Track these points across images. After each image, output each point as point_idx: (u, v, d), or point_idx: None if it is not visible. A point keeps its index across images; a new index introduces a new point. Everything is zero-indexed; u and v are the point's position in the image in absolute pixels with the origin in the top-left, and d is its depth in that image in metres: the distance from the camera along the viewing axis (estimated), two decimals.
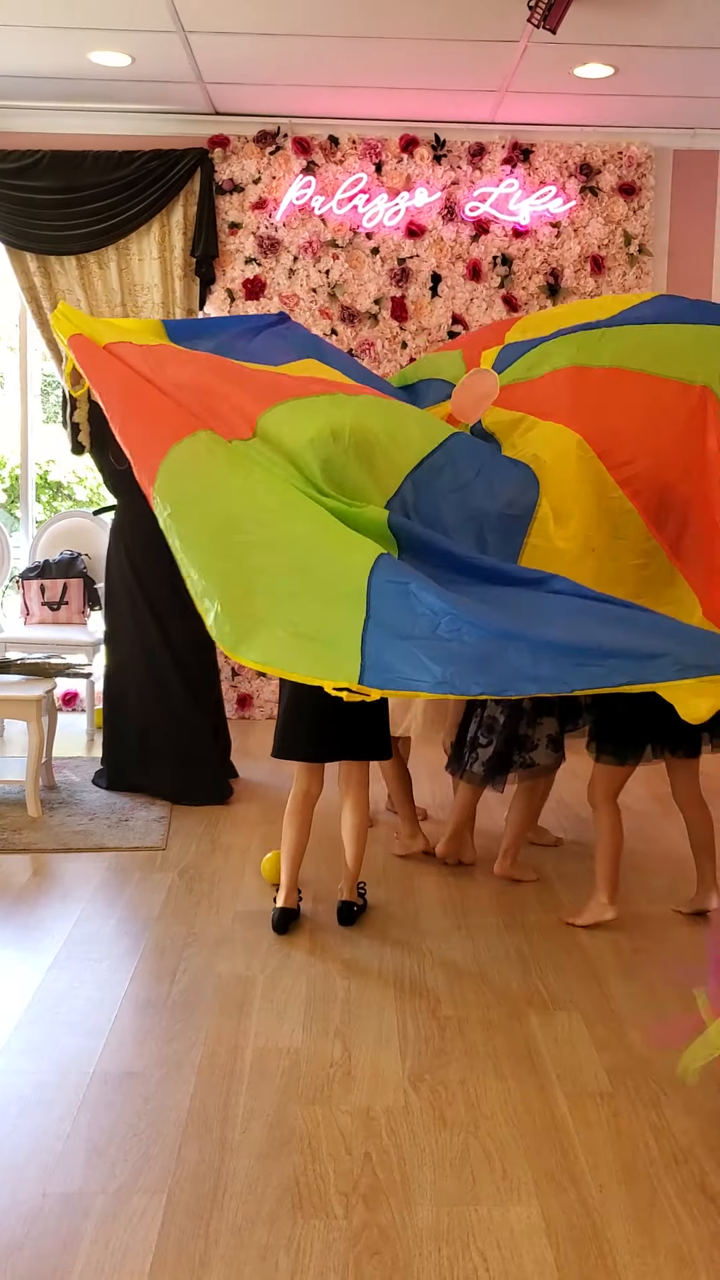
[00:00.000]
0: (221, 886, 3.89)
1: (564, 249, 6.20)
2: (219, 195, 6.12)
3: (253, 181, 6.12)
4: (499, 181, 6.14)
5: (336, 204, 6.11)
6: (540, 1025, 2.96)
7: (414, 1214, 2.23)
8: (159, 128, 6.09)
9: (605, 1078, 2.71)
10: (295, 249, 6.16)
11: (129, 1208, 2.24)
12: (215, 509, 3.13)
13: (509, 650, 2.74)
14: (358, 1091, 2.65)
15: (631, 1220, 2.22)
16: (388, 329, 6.22)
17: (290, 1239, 2.16)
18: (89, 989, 3.16)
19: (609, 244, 6.20)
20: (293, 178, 6.11)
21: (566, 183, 6.16)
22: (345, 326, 6.21)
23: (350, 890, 3.60)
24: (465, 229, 6.18)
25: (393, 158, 6.12)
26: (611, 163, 6.15)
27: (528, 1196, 2.28)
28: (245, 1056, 2.79)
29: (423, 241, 6.18)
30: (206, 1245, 2.14)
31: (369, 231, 6.16)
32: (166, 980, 3.19)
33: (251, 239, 6.15)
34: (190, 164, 6.05)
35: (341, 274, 6.18)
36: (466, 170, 6.14)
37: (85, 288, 6.12)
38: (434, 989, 3.16)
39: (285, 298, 6.18)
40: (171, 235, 6.11)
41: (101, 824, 4.48)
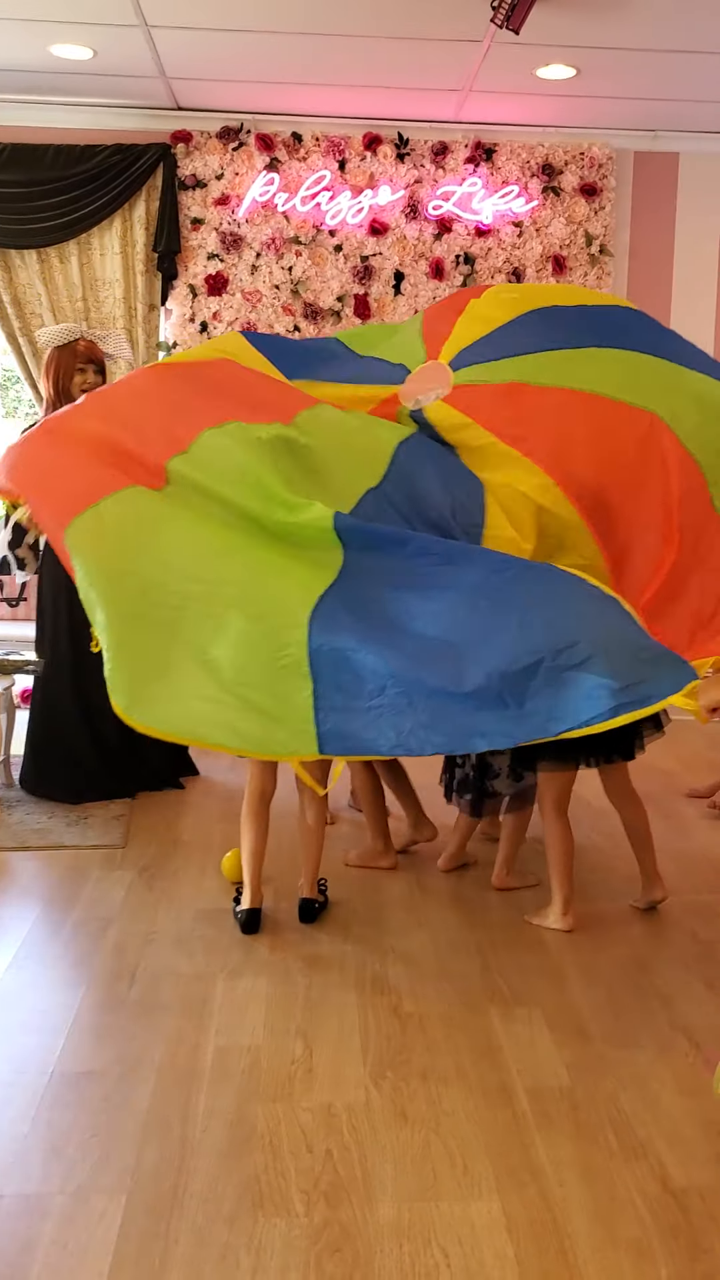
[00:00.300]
0: (182, 885, 3.87)
1: (526, 248, 6.23)
2: (181, 191, 6.10)
3: (215, 177, 6.10)
4: (462, 180, 6.15)
5: (300, 201, 6.11)
6: (501, 1022, 2.97)
7: (375, 1211, 2.22)
8: (121, 122, 6.05)
9: (565, 1073, 2.72)
10: (258, 245, 6.14)
11: (88, 1208, 2.22)
12: (133, 579, 2.89)
13: (450, 707, 2.68)
14: (319, 1089, 2.64)
15: (592, 1215, 2.22)
16: (350, 326, 6.21)
17: (251, 1237, 2.15)
18: (47, 988, 3.13)
19: (570, 244, 6.24)
20: (256, 174, 6.09)
21: (529, 183, 6.18)
22: (308, 324, 6.20)
23: (310, 887, 3.59)
24: (428, 227, 6.19)
25: (356, 155, 6.12)
26: (573, 163, 6.19)
27: (488, 1192, 2.29)
28: (206, 1055, 2.78)
29: (386, 240, 6.18)
30: (166, 1245, 2.12)
31: (332, 229, 6.16)
32: (126, 979, 3.17)
33: (214, 235, 6.13)
34: (153, 159, 6.02)
35: (304, 271, 6.17)
36: (429, 169, 6.15)
37: (46, 282, 6.07)
38: (395, 986, 3.16)
39: (248, 294, 6.17)
40: (133, 230, 6.08)
41: (60, 822, 4.44)
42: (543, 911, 3.57)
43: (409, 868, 4.04)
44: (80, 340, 4.49)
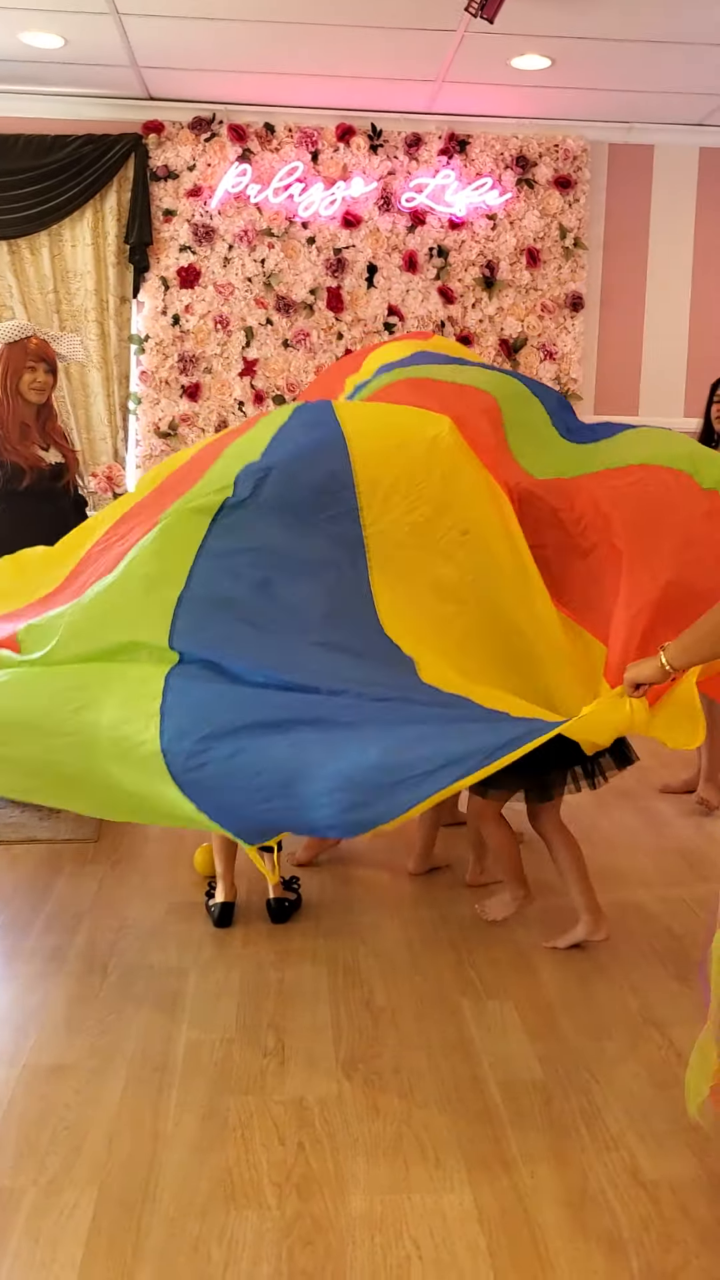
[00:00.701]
0: (154, 879, 3.85)
1: (500, 241, 6.23)
2: (153, 182, 6.06)
3: (187, 168, 6.07)
4: (435, 172, 6.15)
5: (272, 193, 6.09)
6: (473, 1014, 2.97)
7: (347, 1203, 2.23)
8: (92, 112, 6.01)
9: (537, 1066, 2.73)
10: (230, 237, 6.12)
11: (60, 1201, 2.21)
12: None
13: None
14: (291, 1082, 2.64)
15: (564, 1206, 2.23)
16: (323, 319, 6.20)
17: (223, 1230, 2.15)
18: (19, 983, 3.12)
19: (545, 237, 6.24)
20: (228, 165, 6.07)
21: (503, 175, 6.18)
22: (280, 316, 6.18)
23: (277, 886, 3.54)
24: (401, 220, 6.18)
25: (329, 147, 6.11)
26: (548, 155, 6.19)
27: (460, 1184, 2.29)
28: (178, 1048, 2.77)
29: (359, 232, 6.17)
30: (138, 1237, 2.12)
31: (305, 221, 6.14)
32: (98, 973, 3.16)
33: (186, 226, 6.10)
34: (124, 149, 5.99)
35: (277, 263, 6.15)
36: (403, 160, 6.14)
37: (17, 274, 6.03)
38: (367, 979, 3.16)
39: (220, 286, 6.14)
40: (105, 221, 6.05)
41: (33, 816, 4.42)
42: (566, 933, 3.35)
43: (381, 864, 4.04)
44: (32, 338, 4.39)
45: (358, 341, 6.22)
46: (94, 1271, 2.04)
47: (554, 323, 6.29)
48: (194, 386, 6.19)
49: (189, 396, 6.19)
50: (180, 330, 6.16)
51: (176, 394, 6.19)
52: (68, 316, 6.08)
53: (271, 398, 6.20)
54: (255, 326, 6.16)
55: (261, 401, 6.21)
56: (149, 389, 6.18)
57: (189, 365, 6.18)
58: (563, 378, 6.32)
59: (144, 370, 6.19)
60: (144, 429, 6.22)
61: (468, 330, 6.26)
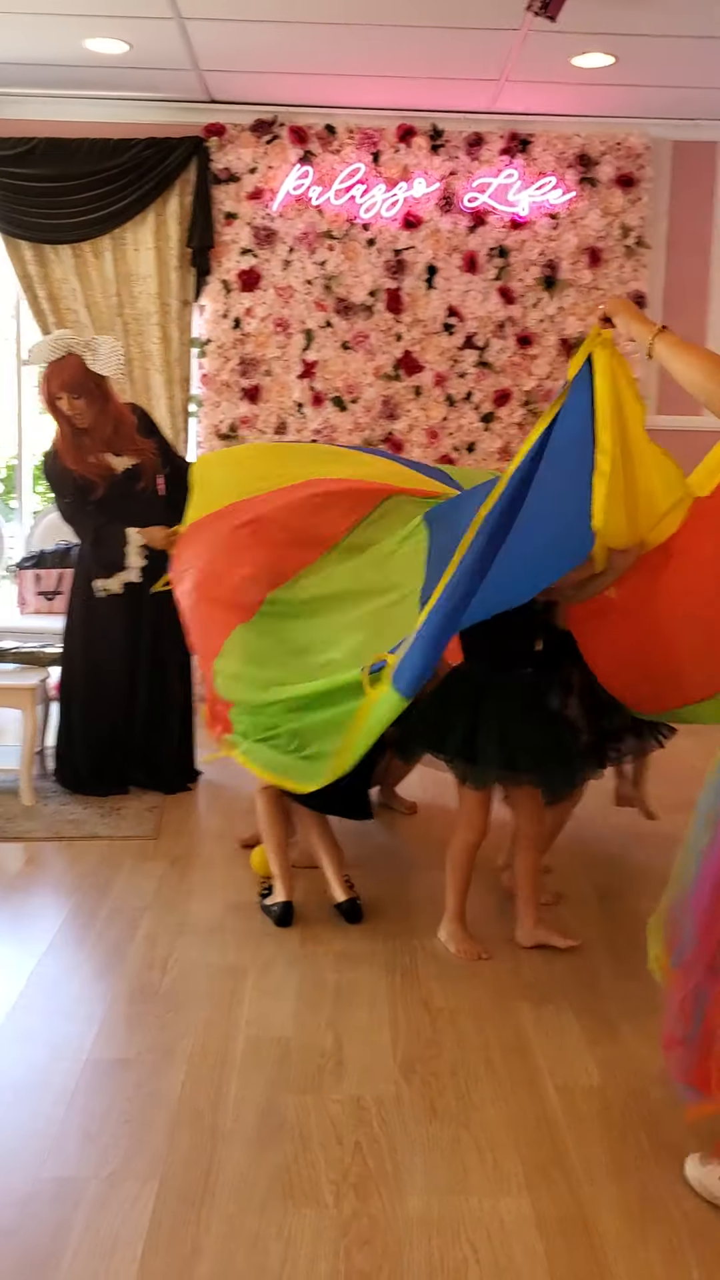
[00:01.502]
0: (213, 877, 3.89)
1: (561, 241, 6.19)
2: (215, 185, 6.10)
3: (249, 171, 6.10)
4: (497, 172, 6.13)
5: (333, 194, 6.10)
6: (531, 1018, 2.96)
7: (404, 1204, 2.23)
8: (154, 116, 6.06)
9: (596, 1071, 2.72)
10: (291, 240, 6.14)
11: (121, 1193, 2.24)
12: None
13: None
14: (349, 1081, 2.65)
15: (622, 1213, 2.22)
16: (382, 321, 6.21)
17: (281, 1227, 2.16)
18: (82, 977, 3.16)
19: (606, 236, 6.20)
20: (289, 167, 6.09)
21: (565, 174, 6.15)
22: (340, 319, 6.20)
23: (343, 889, 3.54)
24: (462, 220, 6.17)
25: (390, 148, 6.11)
26: (610, 154, 6.14)
27: (518, 1188, 2.29)
28: (237, 1045, 2.80)
29: (419, 233, 6.16)
30: (198, 1232, 2.14)
31: (365, 223, 6.15)
32: (158, 969, 3.19)
33: (247, 230, 6.13)
34: (186, 153, 6.03)
35: (337, 266, 6.16)
36: (464, 160, 6.13)
37: (81, 277, 6.10)
38: (425, 981, 3.16)
39: (280, 289, 6.17)
40: (167, 225, 6.09)
41: (94, 813, 4.48)
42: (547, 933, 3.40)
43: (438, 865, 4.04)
44: (67, 356, 4.33)
45: (417, 343, 6.21)
46: (154, 1265, 2.06)
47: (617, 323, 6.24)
48: (254, 389, 6.22)
49: (249, 399, 6.22)
50: (241, 333, 6.20)
51: (236, 396, 6.23)
52: (130, 320, 6.14)
53: (330, 399, 6.22)
54: (315, 329, 6.18)
55: (320, 404, 6.22)
56: (210, 391, 6.22)
57: (249, 368, 6.21)
58: None
59: (205, 373, 6.23)
60: (204, 431, 6.26)
61: (528, 330, 6.23)
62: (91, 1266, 2.05)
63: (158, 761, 4.75)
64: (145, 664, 4.69)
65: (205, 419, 6.25)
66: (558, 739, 3.35)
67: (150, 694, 4.71)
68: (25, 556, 6.25)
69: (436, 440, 6.27)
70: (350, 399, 6.22)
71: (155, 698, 4.73)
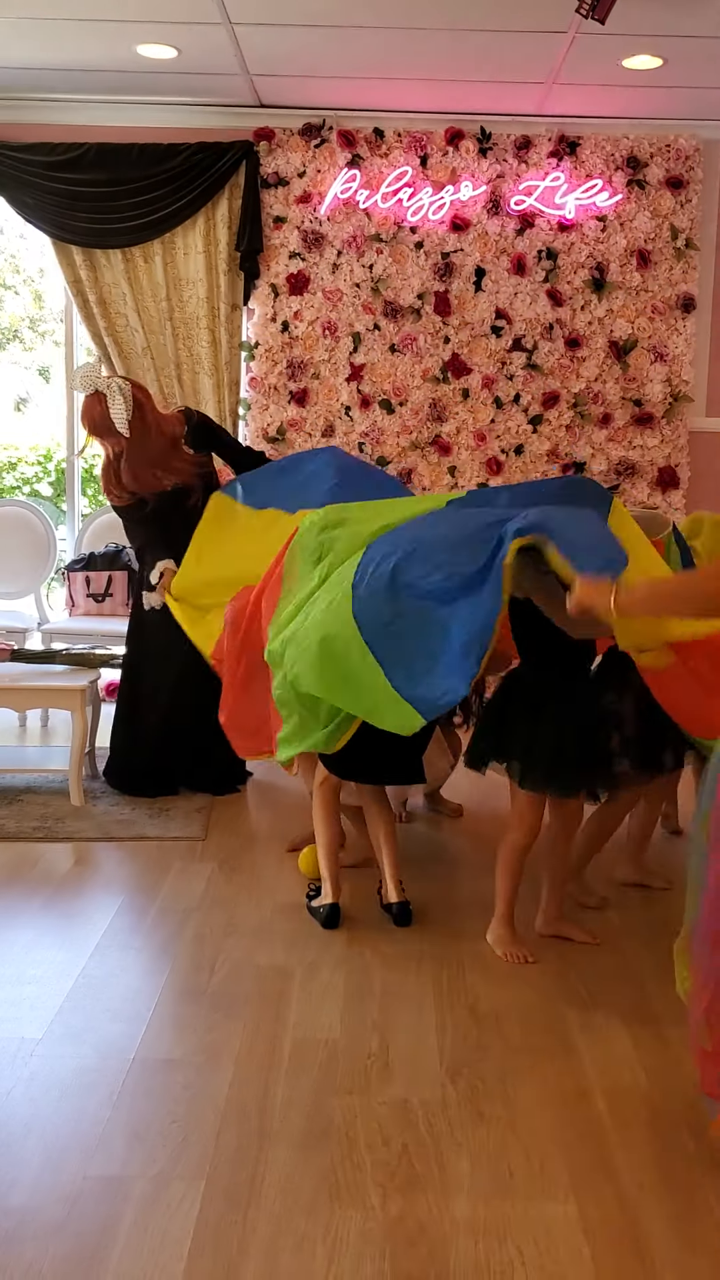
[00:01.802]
0: (261, 878, 3.91)
1: (610, 243, 6.16)
2: (264, 189, 6.13)
3: (298, 175, 6.13)
4: (545, 175, 6.11)
5: (381, 198, 6.11)
6: (578, 1023, 2.95)
7: (451, 1207, 2.23)
8: (204, 120, 6.11)
9: (643, 1076, 2.70)
10: (339, 243, 6.16)
11: (168, 1193, 2.26)
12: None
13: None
14: (395, 1084, 2.66)
15: (670, 1220, 2.21)
16: (430, 324, 6.21)
17: (328, 1228, 2.17)
18: (130, 977, 3.19)
19: (656, 238, 6.16)
20: (338, 171, 6.11)
21: (613, 176, 6.12)
22: (388, 321, 6.21)
23: (397, 890, 3.55)
24: (510, 223, 6.16)
25: (438, 151, 6.11)
26: (659, 155, 6.11)
27: (565, 1193, 2.28)
28: (284, 1046, 2.81)
29: (467, 235, 6.16)
30: (244, 1232, 2.15)
31: (413, 225, 6.15)
32: (206, 970, 3.21)
33: (296, 233, 6.15)
34: (235, 157, 6.06)
35: (385, 269, 6.17)
36: (512, 163, 6.12)
37: (131, 281, 6.16)
38: (472, 985, 3.16)
39: (329, 293, 6.19)
40: (216, 229, 6.13)
41: (143, 814, 4.51)
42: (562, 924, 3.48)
43: (486, 869, 4.03)
44: (95, 396, 4.50)
45: (464, 345, 6.21)
46: (200, 1264, 2.07)
47: (665, 324, 6.20)
48: (302, 392, 6.24)
49: (297, 402, 6.24)
50: (289, 336, 6.23)
51: (285, 399, 6.25)
52: (179, 324, 6.18)
53: (378, 402, 6.23)
54: (363, 332, 6.19)
55: (368, 406, 6.23)
56: (258, 394, 6.26)
57: (297, 371, 6.24)
58: (674, 380, 6.23)
59: (253, 376, 6.26)
60: (253, 434, 6.29)
61: (576, 332, 6.21)
62: (139, 1265, 2.07)
63: (208, 763, 4.79)
64: (192, 667, 4.72)
65: (254, 422, 6.29)
66: (607, 744, 3.39)
67: (197, 696, 4.74)
68: (75, 559, 6.32)
69: (484, 443, 6.26)
70: (398, 401, 6.23)
71: (203, 700, 4.75)
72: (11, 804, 4.60)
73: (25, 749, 5.54)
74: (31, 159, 6.00)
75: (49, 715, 5.95)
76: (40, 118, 6.08)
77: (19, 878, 3.89)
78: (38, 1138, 2.42)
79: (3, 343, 11.76)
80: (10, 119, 6.07)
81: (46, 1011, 2.96)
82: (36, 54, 5.46)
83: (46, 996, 3.05)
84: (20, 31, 5.19)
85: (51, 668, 4.84)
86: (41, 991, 3.08)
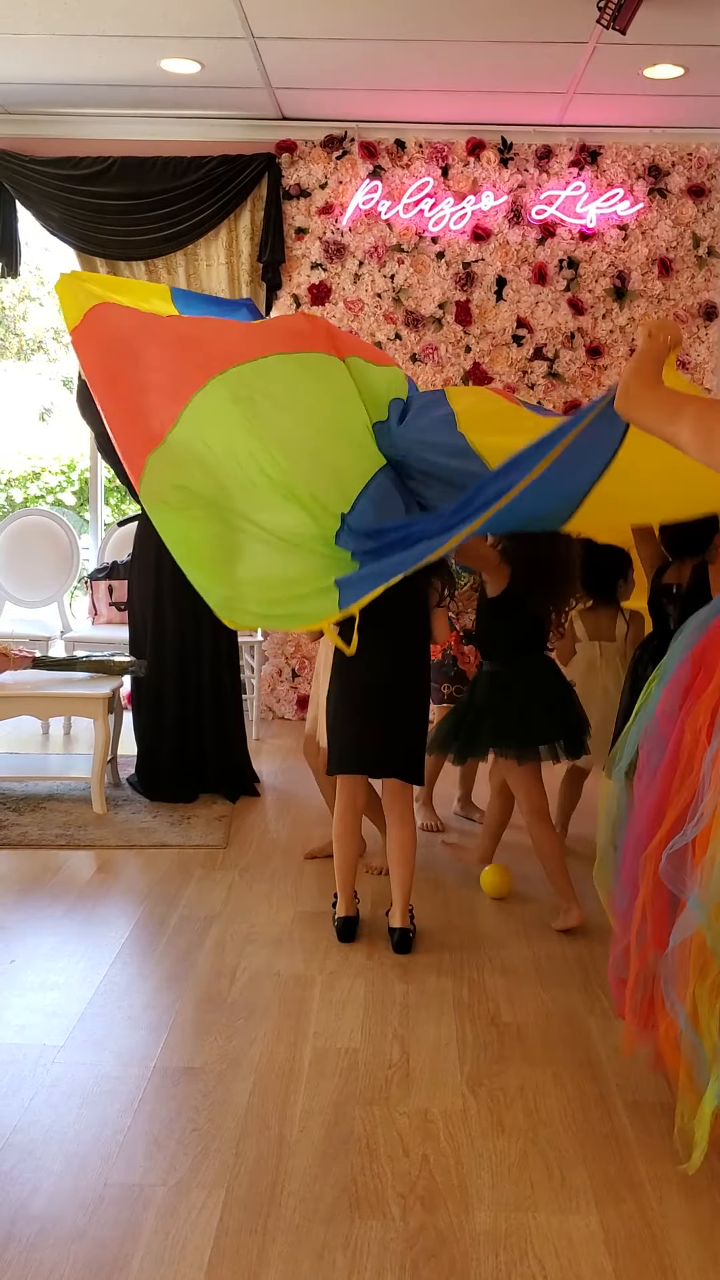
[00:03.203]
0: (282, 886, 3.91)
1: (631, 251, 6.16)
2: (286, 200, 6.16)
3: (319, 186, 6.15)
4: (566, 184, 6.11)
5: (403, 208, 6.13)
6: (600, 1034, 2.94)
7: (471, 1218, 2.22)
8: (227, 133, 6.14)
9: (665, 1088, 2.68)
10: (361, 254, 6.18)
11: (188, 1201, 2.26)
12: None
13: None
14: (416, 1094, 2.65)
15: (694, 1233, 2.19)
16: (452, 333, 6.22)
17: (348, 1238, 2.16)
18: (151, 984, 3.19)
19: (677, 246, 6.15)
20: (359, 182, 6.13)
21: (634, 185, 6.11)
22: (409, 331, 6.22)
23: (402, 915, 3.46)
24: (531, 232, 6.16)
25: (459, 161, 6.12)
26: (681, 164, 6.10)
27: (586, 1205, 2.27)
28: (304, 1055, 2.80)
29: (488, 245, 6.17)
30: (264, 1241, 2.15)
31: (434, 235, 6.16)
32: (227, 978, 3.22)
33: (317, 244, 6.18)
34: (258, 169, 6.09)
35: (406, 278, 6.19)
36: (533, 173, 6.12)
37: None
38: (493, 995, 3.15)
39: (350, 303, 6.20)
40: (239, 240, 6.16)
41: (164, 821, 4.52)
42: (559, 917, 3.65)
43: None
44: None
45: (485, 354, 6.21)
46: (220, 1272, 2.07)
47: (687, 333, 6.19)
48: None
49: None
50: None
51: None
52: None
53: None
54: (384, 341, 6.20)
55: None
56: None
57: None
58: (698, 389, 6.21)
59: None
60: None
61: (598, 341, 6.20)
62: (159, 1272, 2.07)
63: (224, 768, 4.86)
64: (208, 673, 4.83)
65: None
66: (575, 707, 3.78)
67: (213, 701, 4.84)
68: (98, 568, 6.35)
69: None
70: None
71: (216, 705, 4.85)
72: (34, 811, 4.62)
73: (48, 756, 5.57)
74: (57, 173, 6.04)
75: (71, 723, 5.98)
76: (66, 132, 6.13)
77: (41, 885, 3.90)
78: (59, 1145, 2.43)
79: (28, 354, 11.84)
80: (36, 133, 6.12)
81: (68, 1019, 2.97)
82: (64, 70, 5.51)
83: (68, 1004, 3.06)
84: (48, 48, 5.23)
85: (74, 675, 4.86)
86: (63, 999, 3.09)
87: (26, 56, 5.36)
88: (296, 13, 4.79)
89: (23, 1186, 2.28)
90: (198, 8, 4.75)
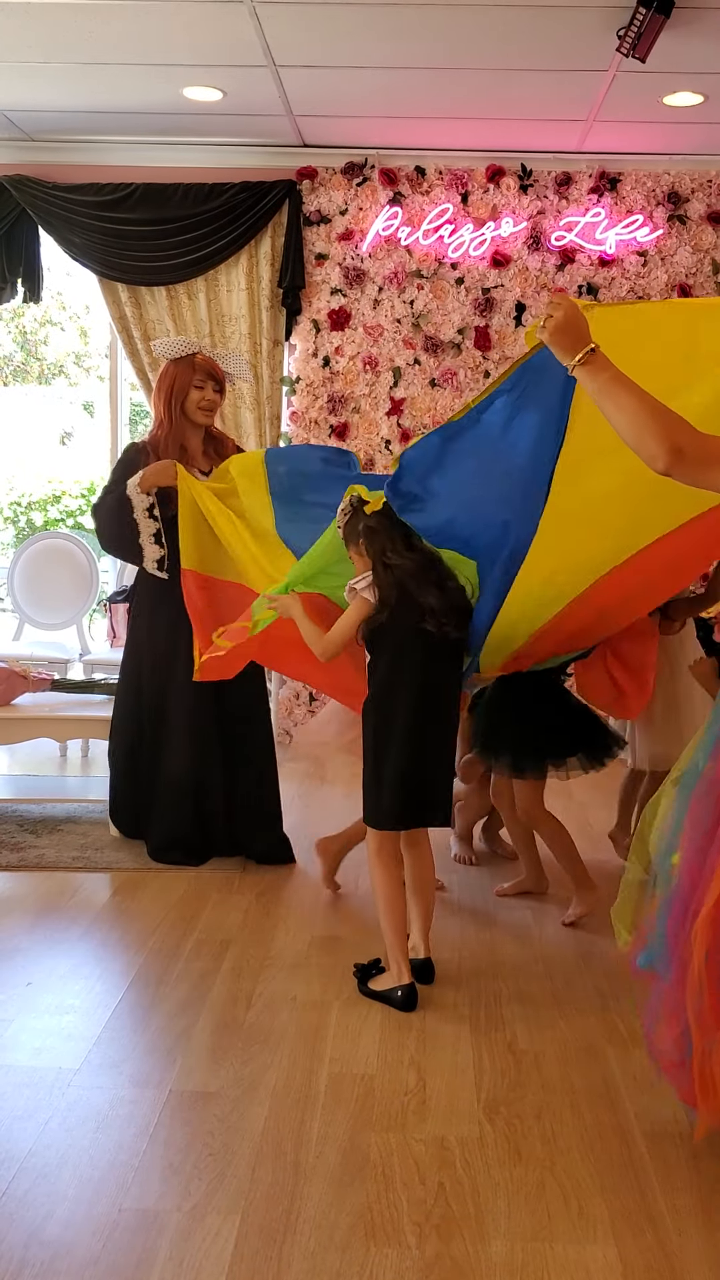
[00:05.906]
0: (298, 911, 3.90)
1: (651, 278, 6.18)
2: (306, 226, 6.21)
3: (339, 213, 6.20)
4: (586, 211, 6.14)
5: (422, 235, 6.17)
6: (618, 1063, 2.91)
7: (488, 1247, 2.20)
8: (248, 160, 6.20)
9: (685, 1118, 2.65)
10: (380, 280, 6.21)
11: (203, 1227, 2.24)
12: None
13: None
14: (432, 1121, 2.63)
15: (712, 1264, 2.16)
16: (470, 358, 6.24)
17: (363, 1266, 2.14)
18: (167, 1008, 3.18)
19: (697, 272, 6.17)
20: (379, 209, 6.17)
21: (654, 211, 6.14)
22: (428, 356, 6.25)
23: (424, 944, 3.38)
24: (551, 258, 6.19)
25: (479, 188, 6.16)
26: (700, 191, 6.13)
27: (604, 1236, 2.24)
28: (320, 1081, 2.79)
29: (508, 271, 6.20)
30: (279, 1268, 2.13)
31: (454, 262, 6.20)
32: (243, 1002, 3.20)
33: (337, 270, 6.22)
34: (278, 196, 6.14)
35: (425, 304, 6.22)
36: (553, 200, 6.16)
37: (175, 318, 6.24)
38: (510, 1023, 3.13)
39: (369, 328, 6.24)
40: (259, 266, 6.21)
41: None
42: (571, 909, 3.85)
43: (525, 906, 4.01)
44: (198, 354, 4.21)
45: None
46: None
47: None
48: (342, 426, 6.29)
49: (337, 435, 6.29)
50: (330, 371, 6.28)
51: (325, 433, 6.30)
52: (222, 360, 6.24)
53: (418, 435, 6.25)
54: (403, 367, 6.23)
55: (408, 440, 6.26)
56: (298, 429, 6.31)
57: (338, 405, 6.28)
58: None
59: (294, 410, 6.32)
60: None
61: None
62: None
63: (248, 820, 4.40)
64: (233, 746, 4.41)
65: None
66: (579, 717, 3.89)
67: (221, 732, 4.39)
68: (116, 591, 6.37)
69: None
70: None
71: (230, 734, 4.40)
72: (51, 833, 4.62)
73: (65, 779, 5.58)
74: (79, 199, 6.11)
75: (89, 745, 5.99)
76: (88, 159, 6.20)
77: (58, 907, 3.90)
78: (73, 1169, 2.42)
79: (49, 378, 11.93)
80: (59, 160, 6.19)
81: (84, 1042, 2.96)
82: (87, 98, 5.58)
83: (84, 1027, 3.05)
84: (72, 76, 5.30)
85: (92, 698, 4.87)
86: (80, 1022, 3.08)
87: (50, 85, 5.43)
88: (317, 41, 4.84)
89: (37, 1211, 2.27)
90: (220, 37, 4.80)
